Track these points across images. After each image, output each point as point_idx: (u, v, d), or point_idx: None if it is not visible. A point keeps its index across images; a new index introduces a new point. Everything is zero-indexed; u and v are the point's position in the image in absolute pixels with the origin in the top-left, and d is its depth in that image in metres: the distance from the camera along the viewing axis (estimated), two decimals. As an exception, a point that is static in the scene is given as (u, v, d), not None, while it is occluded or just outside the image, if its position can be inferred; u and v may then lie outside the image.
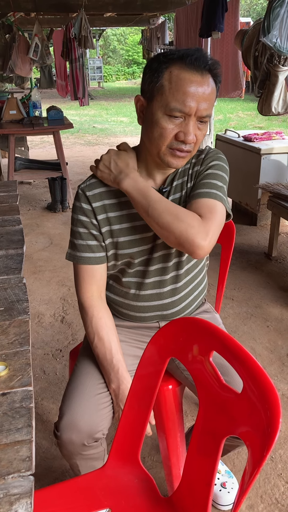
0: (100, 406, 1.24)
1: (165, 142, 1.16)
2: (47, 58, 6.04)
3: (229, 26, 3.93)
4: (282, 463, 1.75)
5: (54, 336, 2.58)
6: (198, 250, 1.12)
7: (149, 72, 1.16)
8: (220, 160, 1.28)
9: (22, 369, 1.00)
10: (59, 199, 4.66)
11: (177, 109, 1.12)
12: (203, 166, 1.26)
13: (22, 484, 0.75)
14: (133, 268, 1.33)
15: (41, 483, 1.66)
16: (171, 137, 1.15)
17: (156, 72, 1.14)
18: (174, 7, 5.80)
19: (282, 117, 10.84)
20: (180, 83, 1.11)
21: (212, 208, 1.17)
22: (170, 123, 1.14)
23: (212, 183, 1.22)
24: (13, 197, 2.11)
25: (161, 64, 1.13)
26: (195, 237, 1.11)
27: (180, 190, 1.28)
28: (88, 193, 1.28)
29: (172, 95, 1.11)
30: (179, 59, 1.12)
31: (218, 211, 1.18)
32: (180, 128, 1.14)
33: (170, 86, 1.11)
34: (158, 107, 1.14)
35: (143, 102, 1.19)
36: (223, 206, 1.20)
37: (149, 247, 1.31)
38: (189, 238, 1.11)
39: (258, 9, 19.57)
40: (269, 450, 0.76)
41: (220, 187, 1.22)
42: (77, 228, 1.31)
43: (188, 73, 1.11)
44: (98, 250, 1.30)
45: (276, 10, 2.98)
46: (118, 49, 26.60)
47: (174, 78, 1.11)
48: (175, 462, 1.42)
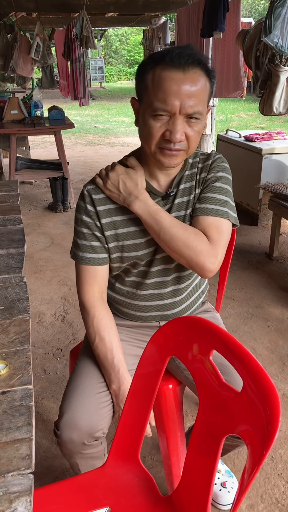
0: (100, 405, 1.24)
1: (153, 141, 1.16)
2: (48, 58, 6.04)
3: (231, 26, 3.93)
4: (283, 463, 1.75)
5: (55, 336, 2.58)
6: (208, 273, 1.20)
7: (137, 74, 1.18)
8: (226, 171, 1.29)
9: (22, 367, 1.00)
10: (60, 199, 4.66)
11: (160, 109, 1.11)
12: (210, 174, 1.27)
13: (21, 482, 0.75)
14: (137, 268, 1.34)
15: (41, 482, 1.66)
16: (159, 136, 1.15)
17: (143, 73, 1.15)
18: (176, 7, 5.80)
19: (284, 118, 10.83)
20: (161, 82, 1.10)
21: (219, 228, 1.22)
22: (157, 122, 1.13)
23: (218, 199, 1.24)
24: (14, 197, 2.11)
25: (146, 65, 1.14)
26: (205, 262, 1.18)
27: (188, 194, 1.28)
28: (94, 196, 1.28)
29: (154, 94, 1.11)
30: (160, 58, 1.11)
31: (225, 230, 1.23)
32: (166, 127, 1.13)
33: (153, 85, 1.11)
34: (145, 108, 1.15)
35: (137, 104, 1.21)
36: (229, 222, 1.25)
37: (153, 250, 1.31)
38: (199, 263, 1.18)
39: (260, 10, 19.56)
40: (269, 448, 0.76)
41: (226, 202, 1.25)
42: (81, 228, 1.30)
43: (169, 71, 1.10)
44: (101, 251, 1.30)
45: (277, 10, 2.98)
46: (120, 50, 26.60)
47: (156, 78, 1.11)
48: (175, 461, 1.42)
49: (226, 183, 1.28)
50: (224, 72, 4.20)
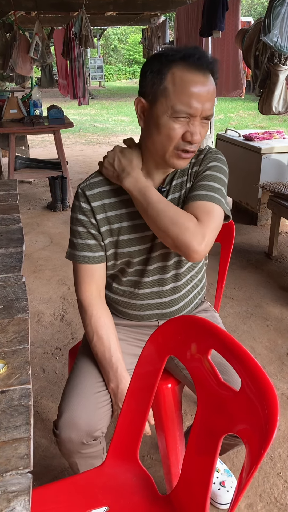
0: (99, 405, 1.24)
1: (172, 143, 1.15)
2: (47, 57, 6.04)
3: (230, 25, 3.93)
4: (281, 462, 1.75)
5: (54, 335, 2.58)
6: (194, 254, 1.13)
7: (150, 74, 1.14)
8: (219, 161, 1.27)
9: (21, 367, 1.00)
10: (59, 198, 4.66)
11: (183, 112, 1.11)
12: (202, 166, 1.25)
13: (20, 482, 0.75)
14: (133, 267, 1.33)
15: (40, 481, 1.66)
16: (178, 138, 1.15)
17: (159, 74, 1.12)
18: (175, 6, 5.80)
19: (283, 117, 10.83)
20: (184, 85, 1.10)
21: (209, 211, 1.17)
22: (177, 124, 1.13)
23: (210, 185, 1.21)
24: (13, 196, 2.11)
25: (163, 66, 1.12)
26: (191, 241, 1.12)
27: (180, 189, 1.28)
28: (87, 193, 1.28)
29: (177, 97, 1.10)
30: (182, 59, 1.11)
31: (215, 214, 1.18)
32: (186, 129, 1.14)
33: (174, 88, 1.10)
34: (163, 110, 1.13)
35: (145, 104, 1.18)
36: (221, 208, 1.20)
37: (148, 246, 1.31)
38: (185, 241, 1.12)
39: (259, 9, 19.55)
40: (267, 447, 0.76)
41: (218, 189, 1.22)
42: (76, 227, 1.30)
43: (191, 74, 1.10)
44: (97, 250, 1.30)
45: (276, 9, 2.98)
46: (119, 49, 26.57)
47: (178, 80, 1.10)
48: (174, 460, 1.42)
49: (219, 172, 1.25)
50: (224, 71, 4.20)
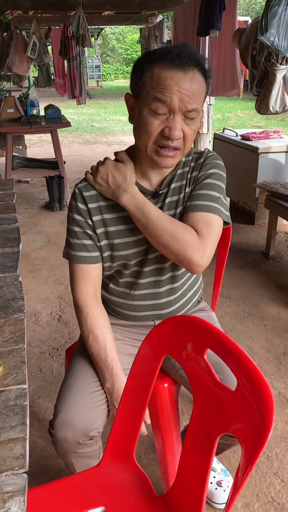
0: (95, 404, 1.24)
1: (150, 137, 1.16)
2: (45, 56, 6.03)
3: (227, 24, 3.92)
4: (278, 461, 1.75)
5: (51, 335, 2.58)
6: (196, 268, 1.16)
7: (133, 72, 1.17)
8: (218, 167, 1.28)
9: (17, 367, 1.00)
10: (56, 198, 4.66)
11: (160, 106, 1.12)
12: (201, 172, 1.26)
13: (15, 482, 0.75)
14: (129, 269, 1.33)
15: (37, 481, 1.66)
16: (157, 133, 1.15)
17: (140, 71, 1.15)
18: (173, 5, 5.79)
19: (281, 116, 10.84)
20: (161, 80, 1.11)
21: (209, 223, 1.19)
22: (156, 120, 1.14)
23: (209, 195, 1.23)
24: (9, 196, 2.11)
25: (143, 64, 1.14)
26: (193, 256, 1.15)
27: (178, 193, 1.28)
28: (85, 194, 1.28)
29: (153, 88, 1.12)
30: (160, 57, 1.12)
31: (215, 225, 1.20)
32: (165, 124, 1.14)
33: (152, 83, 1.12)
34: (143, 104, 1.15)
35: (132, 101, 1.21)
36: (220, 218, 1.22)
37: (144, 248, 1.31)
38: (187, 257, 1.15)
39: (257, 8, 19.55)
40: (263, 447, 0.76)
41: (218, 198, 1.23)
42: (73, 227, 1.30)
43: (169, 71, 1.11)
44: (93, 250, 1.30)
45: (273, 8, 2.98)
46: (117, 48, 26.55)
47: (156, 76, 1.12)
48: (170, 460, 1.42)
49: (219, 180, 1.26)
50: (221, 70, 4.20)
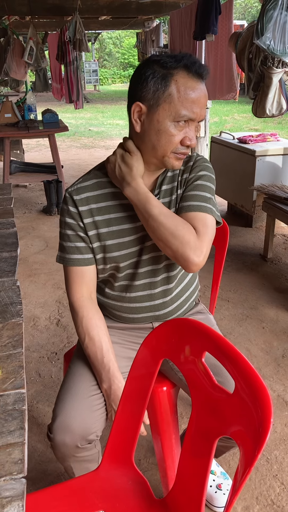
0: (93, 408, 1.24)
1: (171, 147, 1.19)
2: (42, 61, 6.05)
3: (223, 28, 3.94)
4: (278, 464, 1.75)
5: (50, 339, 2.57)
6: (193, 267, 1.18)
7: (152, 80, 1.15)
8: (208, 169, 1.31)
9: (15, 371, 1.00)
10: (54, 202, 4.66)
11: (186, 116, 1.15)
12: (192, 174, 1.29)
13: (14, 487, 0.75)
14: (123, 271, 1.34)
15: (36, 486, 1.66)
16: (177, 143, 1.19)
17: (163, 80, 1.14)
18: (169, 10, 5.81)
19: (278, 119, 10.88)
20: (188, 92, 1.14)
21: (205, 223, 1.22)
22: (177, 130, 1.17)
23: (202, 196, 1.25)
24: (7, 200, 2.11)
25: (166, 72, 1.15)
26: (190, 255, 1.16)
27: (170, 195, 1.30)
28: (75, 197, 1.30)
29: (181, 103, 1.14)
30: (184, 67, 1.15)
31: (210, 225, 1.23)
32: (184, 134, 1.18)
33: (179, 95, 1.14)
34: (166, 115, 1.16)
35: (143, 109, 1.18)
36: (213, 218, 1.25)
37: (137, 249, 1.32)
38: (184, 255, 1.16)
39: (253, 12, 19.64)
40: (261, 449, 0.76)
41: (209, 199, 1.26)
42: (65, 231, 1.31)
43: (193, 82, 1.15)
44: (86, 252, 1.31)
45: (269, 12, 2.99)
46: (114, 52, 26.63)
47: (182, 87, 1.14)
48: (170, 464, 1.42)
49: (209, 181, 1.29)
50: (217, 74, 4.21)
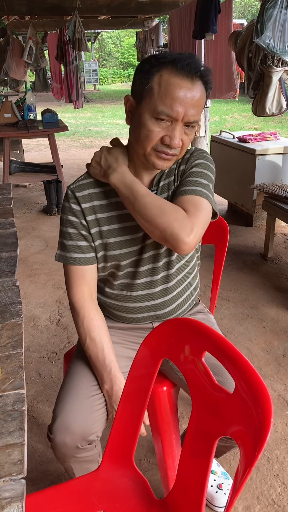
0: (93, 408, 1.24)
1: (150, 144, 1.17)
2: (41, 61, 6.05)
3: (223, 27, 3.93)
4: (279, 463, 1.75)
5: (50, 339, 2.57)
6: (183, 245, 1.12)
7: (139, 73, 1.16)
8: (205, 159, 1.28)
9: (14, 372, 0.99)
10: (54, 202, 4.66)
11: (164, 113, 1.12)
12: (188, 164, 1.27)
13: (13, 488, 0.75)
14: (123, 270, 1.33)
15: (37, 486, 1.65)
16: (157, 140, 1.16)
17: (147, 74, 1.14)
18: (168, 9, 5.81)
19: (278, 118, 10.86)
20: (169, 88, 1.11)
21: (197, 204, 1.17)
22: (157, 126, 1.14)
23: (197, 181, 1.22)
24: (7, 200, 2.11)
25: (152, 67, 1.14)
26: (180, 232, 1.11)
27: (167, 190, 1.29)
28: (77, 194, 1.29)
29: (160, 98, 1.12)
30: (171, 63, 1.12)
31: (204, 207, 1.18)
32: (166, 132, 1.15)
33: (159, 89, 1.12)
34: (146, 109, 1.15)
35: (132, 103, 1.20)
36: (209, 203, 1.20)
37: (138, 248, 1.31)
38: (173, 232, 1.11)
39: (252, 11, 19.61)
40: (261, 449, 0.76)
41: (206, 185, 1.22)
42: (67, 229, 1.31)
43: (178, 78, 1.11)
44: (88, 251, 1.30)
45: (269, 11, 2.99)
46: (114, 52, 26.62)
47: (164, 83, 1.12)
48: (170, 464, 1.42)
49: (206, 169, 1.26)
50: (217, 73, 4.21)
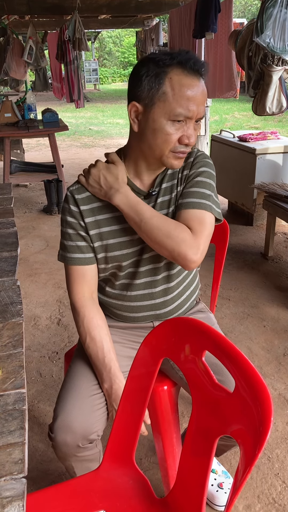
0: (94, 407, 1.24)
1: (169, 146, 1.18)
2: (41, 60, 6.05)
3: (223, 26, 3.93)
4: (279, 462, 1.75)
5: (51, 339, 2.57)
6: (191, 264, 1.18)
7: (146, 78, 1.15)
8: (208, 166, 1.30)
9: (15, 371, 1.00)
10: (55, 202, 4.66)
11: (182, 115, 1.14)
12: (192, 170, 1.28)
13: (14, 487, 0.75)
14: (124, 270, 1.34)
15: (38, 485, 1.66)
16: (175, 141, 1.17)
17: (157, 78, 1.14)
18: (168, 8, 5.80)
19: (278, 117, 10.86)
20: (183, 89, 1.13)
21: (202, 220, 1.21)
22: (174, 128, 1.16)
23: (201, 193, 1.24)
24: (7, 200, 2.11)
25: (160, 70, 1.13)
26: (187, 253, 1.17)
27: (170, 192, 1.29)
28: (77, 196, 1.29)
29: (176, 101, 1.13)
30: (179, 64, 1.13)
31: (208, 222, 1.22)
32: (182, 132, 1.17)
33: (173, 92, 1.13)
34: (161, 114, 1.15)
35: (139, 109, 1.18)
36: (212, 215, 1.24)
37: (139, 249, 1.31)
38: (181, 253, 1.17)
39: (253, 10, 19.59)
40: (261, 448, 0.76)
41: (209, 196, 1.25)
42: (66, 229, 1.31)
43: (189, 79, 1.13)
44: (87, 251, 1.31)
45: (269, 10, 2.99)
46: (114, 51, 26.61)
47: (176, 85, 1.13)
48: (171, 463, 1.42)
49: (209, 178, 1.28)
50: (217, 72, 4.21)
